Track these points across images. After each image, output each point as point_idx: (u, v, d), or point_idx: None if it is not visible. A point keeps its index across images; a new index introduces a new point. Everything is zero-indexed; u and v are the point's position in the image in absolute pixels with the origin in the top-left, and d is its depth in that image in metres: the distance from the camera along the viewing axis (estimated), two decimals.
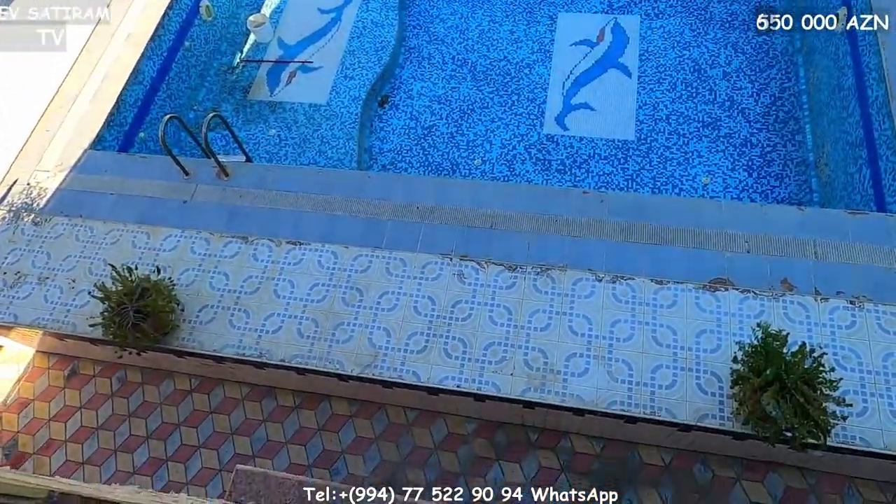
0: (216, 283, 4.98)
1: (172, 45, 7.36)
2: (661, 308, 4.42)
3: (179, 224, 5.35)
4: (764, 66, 7.31)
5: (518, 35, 8.05)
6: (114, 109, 6.44)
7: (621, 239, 4.79)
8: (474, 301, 4.62)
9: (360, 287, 4.80)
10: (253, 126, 7.58)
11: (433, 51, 8.12)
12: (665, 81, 7.33)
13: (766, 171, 6.56)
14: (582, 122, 7.15)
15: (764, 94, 7.08)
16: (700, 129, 6.93)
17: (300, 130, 7.43)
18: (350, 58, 7.94)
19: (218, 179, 5.60)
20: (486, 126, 7.33)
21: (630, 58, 7.59)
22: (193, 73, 7.85)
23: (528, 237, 4.88)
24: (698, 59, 7.46)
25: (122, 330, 4.42)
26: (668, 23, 7.82)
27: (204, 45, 8.02)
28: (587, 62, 7.64)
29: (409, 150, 7.28)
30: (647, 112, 7.12)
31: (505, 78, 7.70)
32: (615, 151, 6.88)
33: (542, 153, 7.00)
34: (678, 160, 6.73)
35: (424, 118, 7.51)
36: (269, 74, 8.04)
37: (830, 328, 4.21)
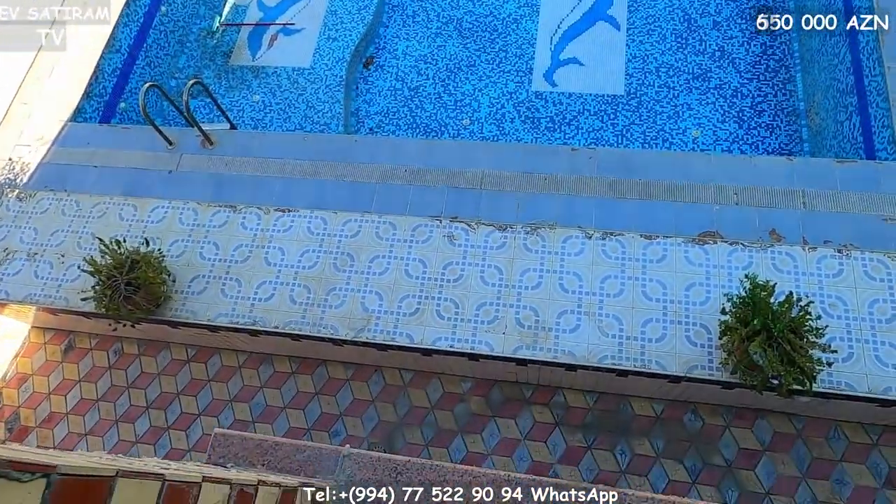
0: (206, 253, 4.96)
1: (148, 9, 7.15)
2: (650, 263, 4.44)
3: (166, 195, 5.30)
4: (755, 13, 7.15)
5: None
6: (92, 79, 6.29)
7: (611, 195, 4.77)
8: (465, 262, 4.63)
9: (351, 252, 4.80)
10: (236, 92, 7.44)
11: (418, 8, 7.91)
12: (654, 33, 7.19)
13: (756, 121, 6.51)
14: (571, 78, 7.04)
15: (754, 42, 6.96)
16: (690, 81, 6.83)
17: (284, 95, 7.29)
18: (332, 18, 7.74)
19: (202, 148, 5.53)
20: (474, 85, 7.20)
21: (619, 9, 7.42)
22: (172, 39, 7.65)
23: (518, 196, 4.86)
24: (688, 8, 7.30)
25: (114, 303, 4.43)
26: None
27: (181, 9, 7.79)
28: (575, 15, 7.47)
29: (396, 112, 7.17)
30: (636, 65, 7.00)
31: (492, 34, 7.53)
32: (605, 107, 6.80)
33: (531, 111, 6.91)
34: (668, 114, 6.66)
35: (411, 79, 7.37)
36: (251, 38, 7.85)
37: (818, 277, 4.24)
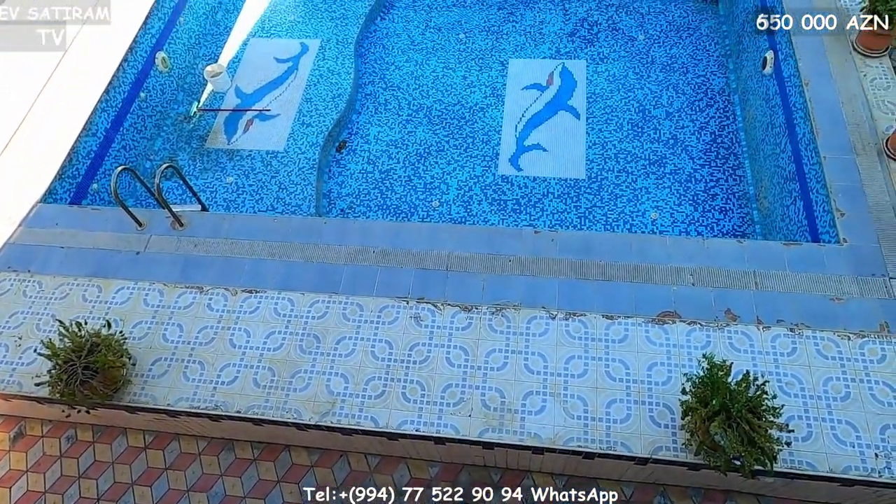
0: (170, 335, 4.90)
1: (127, 96, 7.38)
2: (613, 343, 4.53)
3: (132, 276, 5.28)
4: (703, 105, 7.71)
5: (471, 80, 8.33)
6: (66, 162, 6.38)
7: (573, 276, 4.92)
8: (431, 343, 4.66)
9: (317, 333, 4.79)
10: (210, 174, 7.59)
11: (389, 97, 8.32)
12: (612, 122, 7.65)
13: (710, 204, 6.86)
14: (535, 163, 7.39)
15: (704, 132, 7.45)
16: (647, 166, 7.22)
17: (258, 177, 7.47)
18: (307, 105, 8.08)
19: (172, 230, 5.57)
20: (443, 168, 7.49)
21: (578, 100, 7.92)
22: (149, 123, 7.86)
23: (483, 278, 4.97)
24: (642, 100, 7.83)
25: (70, 388, 4.30)
26: (613, 67, 8.21)
27: (160, 95, 8.06)
28: (538, 105, 7.93)
29: (367, 194, 7.37)
30: (596, 151, 7.39)
31: (460, 122, 7.93)
32: (568, 190, 7.11)
33: (498, 193, 7.18)
34: (628, 197, 6.99)
35: (382, 162, 7.64)
36: (227, 123, 8.10)
37: (773, 356, 4.37)
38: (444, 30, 9.03)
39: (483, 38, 8.81)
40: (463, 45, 8.75)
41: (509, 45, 8.68)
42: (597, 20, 8.80)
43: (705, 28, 8.53)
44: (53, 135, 6.53)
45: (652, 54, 8.29)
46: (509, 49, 8.63)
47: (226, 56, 8.90)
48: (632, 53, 8.34)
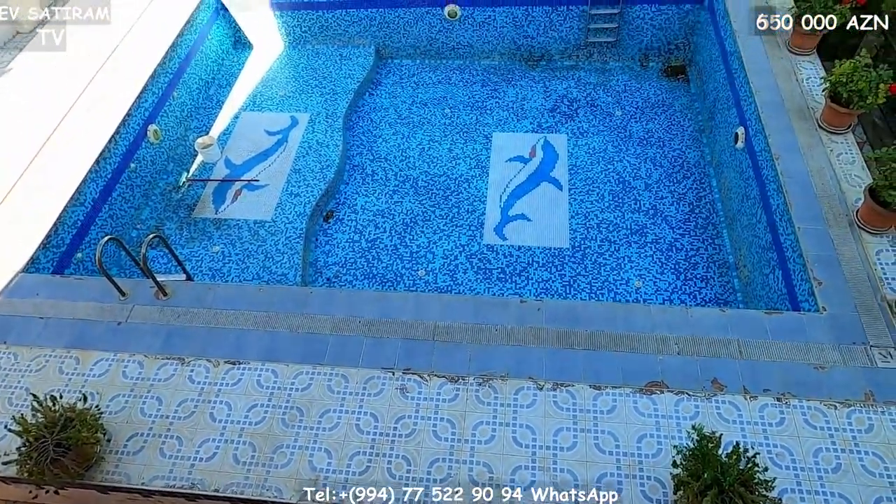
0: (148, 409, 4.76)
1: (118, 167, 7.48)
2: (601, 414, 4.48)
3: (112, 347, 5.17)
4: (680, 177, 7.99)
5: (456, 153, 8.59)
6: (51, 231, 6.37)
7: (559, 345, 4.91)
8: (417, 416, 4.56)
9: (301, 406, 4.68)
10: (196, 243, 7.60)
11: (377, 168, 8.53)
12: (594, 193, 7.88)
13: (692, 273, 6.98)
14: (519, 232, 7.52)
15: (683, 202, 7.68)
16: (629, 235, 7.38)
17: (244, 246, 7.49)
18: (296, 176, 8.23)
19: (156, 299, 5.52)
20: (429, 238, 7.59)
21: (560, 172, 8.18)
22: (138, 192, 7.93)
23: (470, 347, 4.95)
24: (622, 172, 8.10)
25: (40, 466, 4.11)
26: (593, 140, 8.54)
27: (150, 166, 8.19)
28: (521, 176, 8.17)
29: (353, 263, 7.41)
30: (579, 221, 7.56)
31: (445, 192, 8.11)
32: (552, 259, 7.21)
33: (483, 262, 7.26)
34: (611, 265, 7.10)
35: (368, 231, 7.73)
36: (215, 193, 8.21)
37: (762, 426, 4.34)
38: (430, 105, 9.39)
39: (468, 113, 9.16)
40: (448, 120, 9.08)
41: (493, 119, 9.03)
42: (576, 97, 9.23)
43: (678, 105, 8.97)
44: (41, 205, 6.55)
45: (629, 129, 8.65)
46: (493, 123, 8.97)
47: (217, 128, 9.13)
48: (610, 128, 8.70)
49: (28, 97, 7.79)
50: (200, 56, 9.43)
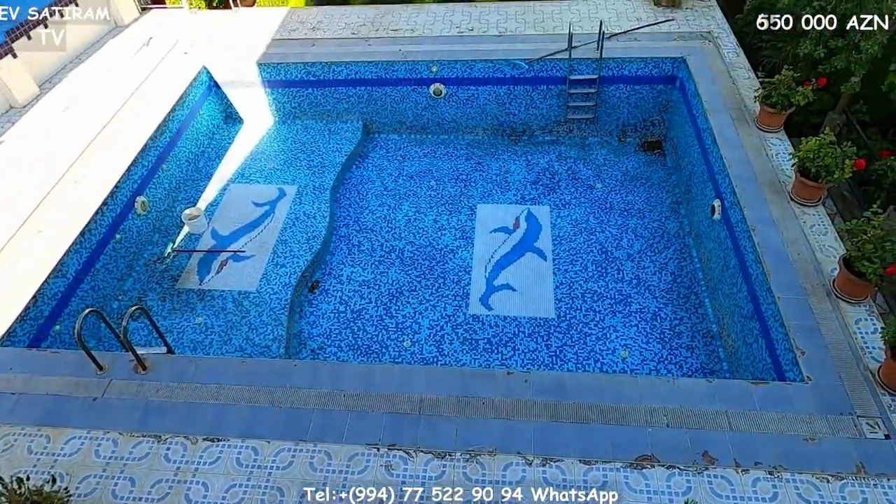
0: (120, 491, 4.53)
1: (103, 238, 7.47)
2: (592, 489, 4.36)
3: (85, 424, 4.98)
4: (661, 247, 8.16)
5: (442, 224, 8.73)
6: (30, 303, 6.27)
7: (547, 419, 4.83)
8: (403, 495, 4.40)
9: (282, 486, 4.50)
10: (179, 315, 7.50)
11: (363, 239, 8.61)
12: (577, 263, 7.99)
13: (676, 342, 7.00)
14: (505, 302, 7.54)
15: (665, 272, 7.81)
16: (613, 305, 7.44)
17: (228, 318, 7.40)
18: (282, 247, 8.27)
19: (135, 373, 5.38)
20: (415, 308, 7.58)
21: (544, 242, 8.32)
22: (122, 263, 7.89)
23: (457, 421, 4.84)
24: (604, 242, 8.26)
25: None
26: (575, 212, 8.75)
27: (136, 236, 8.19)
28: (506, 247, 8.28)
29: (338, 334, 7.34)
30: (564, 291, 7.63)
31: (431, 262, 8.17)
32: (538, 329, 7.21)
33: (469, 333, 7.22)
34: (597, 335, 7.10)
35: (354, 302, 7.71)
36: (201, 263, 8.18)
37: (756, 501, 4.24)
38: (416, 177, 9.62)
39: (453, 185, 9.39)
40: (434, 192, 9.29)
41: (477, 191, 9.25)
42: (557, 170, 9.53)
43: (656, 178, 9.29)
44: (21, 276, 6.47)
45: (610, 201, 8.90)
46: (477, 195, 9.18)
47: (205, 200, 9.22)
48: (591, 200, 8.94)
49: (19, 169, 7.86)
50: (191, 130, 9.66)
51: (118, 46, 10.59)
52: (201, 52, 10.22)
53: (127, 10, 11.24)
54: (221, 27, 10.91)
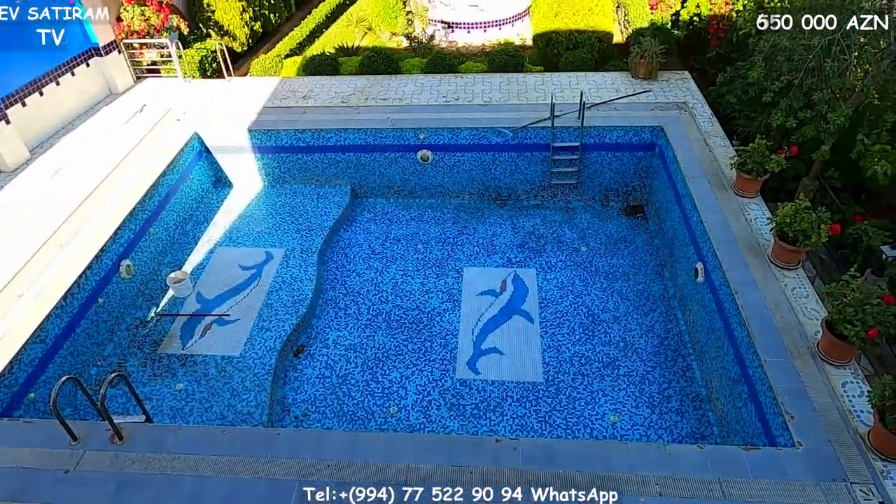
0: None
1: (85, 302, 7.37)
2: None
3: (55, 500, 4.75)
4: (647, 310, 8.21)
5: (429, 287, 8.74)
6: (5, 370, 6.10)
7: (537, 486, 4.70)
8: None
9: None
10: (159, 381, 7.32)
11: (349, 302, 8.58)
12: (564, 326, 7.99)
13: (666, 406, 6.93)
14: (493, 366, 7.47)
15: (651, 335, 7.82)
16: (601, 368, 7.39)
17: (210, 384, 7.23)
18: (268, 310, 8.20)
19: (110, 444, 5.19)
20: (401, 372, 7.47)
21: (531, 305, 8.34)
22: (103, 328, 7.75)
23: (444, 491, 4.69)
24: (590, 305, 8.30)
25: None
26: (561, 275, 8.83)
27: (119, 301, 8.09)
28: (493, 310, 8.29)
29: (323, 400, 7.18)
30: (551, 354, 7.59)
31: (418, 326, 8.13)
32: (526, 394, 7.11)
33: (457, 398, 7.11)
34: (585, 399, 7.02)
35: (340, 367, 7.59)
36: (184, 328, 8.07)
37: None
38: (404, 240, 9.71)
39: (439, 249, 9.47)
40: (421, 255, 9.36)
41: (464, 254, 9.33)
42: (543, 234, 9.68)
43: (639, 241, 9.46)
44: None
45: (595, 264, 9.01)
46: (464, 258, 9.26)
47: (191, 263, 9.19)
48: (577, 263, 9.05)
49: (2, 234, 7.81)
50: (181, 194, 9.75)
51: (111, 113, 10.82)
52: (194, 118, 10.46)
53: (122, 78, 11.55)
54: (215, 95, 11.23)
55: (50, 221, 7.99)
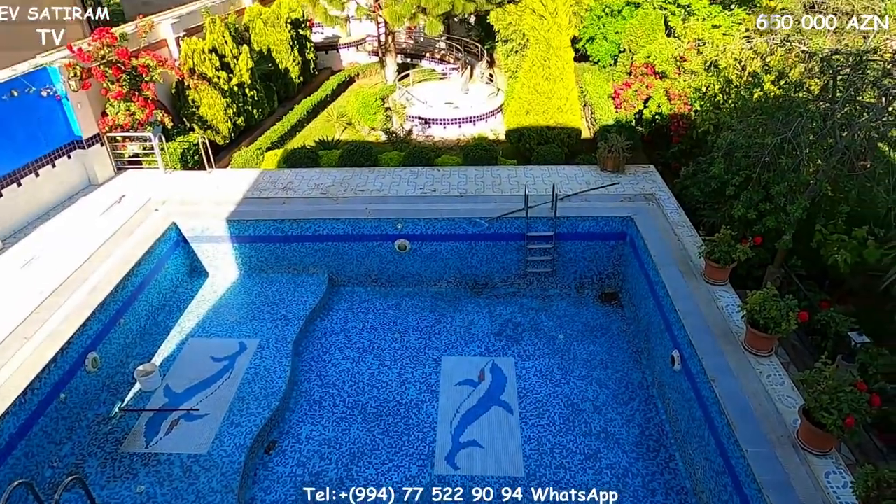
0: None
1: (46, 398, 7.04)
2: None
3: None
4: (626, 398, 8.14)
5: (406, 377, 8.59)
6: None
7: None
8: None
9: None
10: (119, 483, 6.88)
11: (325, 394, 8.34)
12: (544, 416, 7.85)
13: (651, 501, 6.72)
14: (472, 461, 7.23)
15: (632, 424, 7.71)
16: (584, 461, 7.20)
17: (174, 485, 6.82)
18: (239, 404, 7.91)
19: None
20: (377, 469, 7.17)
21: (510, 395, 8.21)
22: (63, 426, 7.36)
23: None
24: (570, 394, 8.21)
25: None
26: (539, 363, 8.78)
27: (82, 395, 7.75)
28: (472, 400, 8.13)
29: (294, 501, 6.80)
30: (532, 447, 7.39)
31: (395, 418, 7.90)
32: (508, 489, 6.85)
33: (435, 496, 6.80)
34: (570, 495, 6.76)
35: (313, 464, 7.26)
36: (149, 424, 7.70)
37: None
38: (381, 329, 9.63)
39: (417, 338, 9.40)
40: (398, 344, 9.26)
41: (442, 343, 9.26)
42: (520, 321, 9.71)
43: (616, 328, 9.53)
44: None
45: (573, 352, 9.01)
46: (442, 347, 9.18)
47: (161, 354, 8.93)
48: (555, 351, 9.03)
49: None
50: (155, 284, 9.63)
51: (89, 203, 10.86)
52: (173, 209, 10.55)
53: (103, 169, 11.70)
54: (195, 186, 11.39)
55: (16, 313, 7.78)
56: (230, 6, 18.88)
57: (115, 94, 11.48)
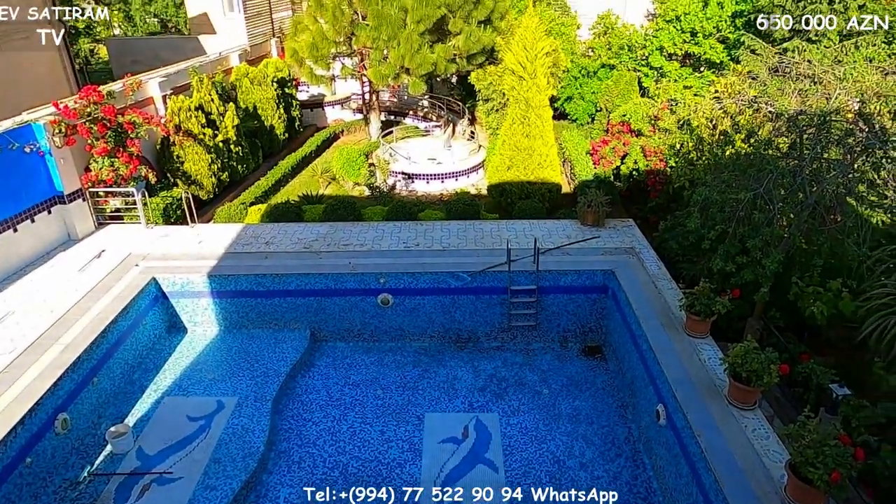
0: None
1: (10, 463, 6.73)
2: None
3: None
4: (613, 455, 8.01)
5: (388, 435, 8.39)
6: None
7: None
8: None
9: None
10: None
11: (304, 454, 8.09)
12: (530, 475, 7.67)
13: None
14: None
15: (619, 481, 7.56)
16: None
17: None
18: (214, 466, 7.63)
19: None
20: None
21: (495, 453, 8.04)
22: (26, 493, 7.00)
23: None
24: (555, 451, 8.06)
25: None
26: (524, 419, 8.65)
27: (49, 460, 7.42)
28: (455, 459, 7.94)
29: None
30: None
31: (377, 479, 7.66)
32: None
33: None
34: None
35: None
36: (119, 489, 7.36)
37: None
38: (363, 385, 9.45)
39: (400, 394, 9.24)
40: (380, 401, 9.08)
41: (424, 399, 9.10)
42: (504, 376, 9.61)
43: (600, 382, 9.47)
44: None
45: (558, 407, 8.90)
46: (425, 403, 9.01)
47: (135, 414, 8.64)
48: (539, 406, 8.92)
49: None
50: (131, 341, 9.42)
51: (68, 259, 10.73)
52: (153, 263, 10.45)
53: (83, 224, 11.62)
54: (177, 241, 11.34)
55: None
56: (218, 66, 19.35)
57: (99, 150, 11.56)
